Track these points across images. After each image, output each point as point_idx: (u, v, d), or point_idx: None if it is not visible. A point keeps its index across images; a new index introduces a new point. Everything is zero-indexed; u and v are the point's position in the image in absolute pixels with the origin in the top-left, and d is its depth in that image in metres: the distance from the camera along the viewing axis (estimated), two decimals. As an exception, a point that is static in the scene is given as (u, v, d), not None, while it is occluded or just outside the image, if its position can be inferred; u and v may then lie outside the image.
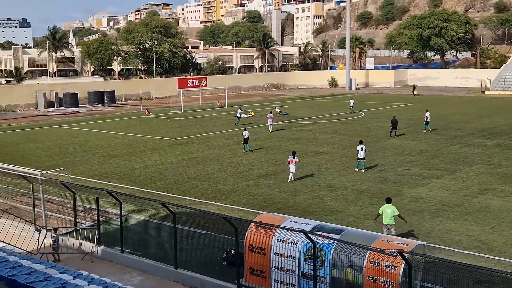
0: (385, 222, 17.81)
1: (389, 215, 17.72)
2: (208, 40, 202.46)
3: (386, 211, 17.84)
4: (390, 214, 17.69)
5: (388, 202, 18.13)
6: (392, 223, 17.75)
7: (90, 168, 31.22)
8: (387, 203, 18.09)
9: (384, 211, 17.88)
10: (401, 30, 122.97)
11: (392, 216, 17.69)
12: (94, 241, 17.73)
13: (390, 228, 17.71)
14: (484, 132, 41.99)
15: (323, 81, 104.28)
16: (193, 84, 72.87)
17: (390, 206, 17.92)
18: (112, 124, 52.38)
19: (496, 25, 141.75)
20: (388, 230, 17.66)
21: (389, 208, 17.86)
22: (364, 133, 42.29)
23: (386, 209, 17.85)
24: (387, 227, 17.73)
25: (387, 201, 18.23)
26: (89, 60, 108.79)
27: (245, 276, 14.67)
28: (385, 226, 17.79)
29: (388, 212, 17.77)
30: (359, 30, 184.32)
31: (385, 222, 17.83)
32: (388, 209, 17.82)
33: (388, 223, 17.74)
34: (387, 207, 17.93)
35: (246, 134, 35.57)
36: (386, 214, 17.80)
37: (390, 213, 17.72)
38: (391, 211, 17.75)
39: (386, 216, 17.79)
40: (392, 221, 17.73)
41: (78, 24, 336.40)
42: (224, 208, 22.26)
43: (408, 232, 19.01)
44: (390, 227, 17.72)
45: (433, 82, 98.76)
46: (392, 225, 17.75)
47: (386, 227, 17.76)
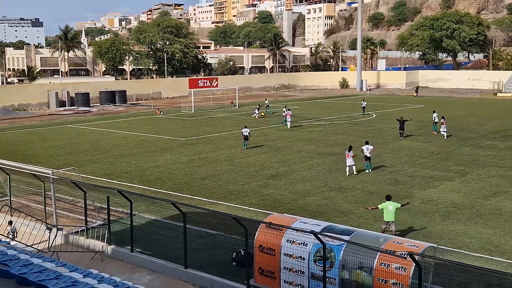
0: (386, 219, 18.23)
1: (390, 211, 18.13)
2: (219, 40, 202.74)
3: (387, 208, 18.21)
4: (392, 211, 18.11)
5: (388, 199, 18.52)
6: (393, 220, 18.17)
7: (101, 167, 31.37)
8: (388, 200, 18.47)
9: (386, 208, 18.26)
10: (413, 31, 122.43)
11: (393, 213, 18.10)
12: (105, 240, 17.82)
13: (390, 224, 18.14)
14: (496, 134, 41.70)
15: (334, 82, 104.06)
16: (204, 84, 73.06)
17: (391, 203, 18.34)
18: (123, 124, 52.60)
19: (508, 26, 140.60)
20: (387, 225, 18.15)
21: (390, 205, 18.25)
22: (375, 134, 42.16)
23: (388, 206, 18.23)
24: (388, 223, 18.17)
25: (387, 198, 18.61)
26: (101, 59, 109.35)
27: (255, 277, 14.66)
28: (386, 223, 18.22)
29: (390, 209, 18.16)
30: (371, 31, 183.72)
31: (386, 219, 18.25)
32: (390, 206, 18.21)
33: (389, 220, 18.17)
34: (388, 204, 18.29)
35: (245, 132, 36.36)
36: (388, 211, 18.18)
37: (391, 209, 18.12)
38: (393, 208, 18.15)
39: (388, 212, 18.18)
40: (393, 218, 18.17)
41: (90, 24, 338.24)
42: (234, 209, 22.28)
43: (418, 234, 18.91)
44: (391, 224, 18.14)
45: (445, 84, 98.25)
46: (393, 222, 18.17)
47: (387, 223, 18.18)
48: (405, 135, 40.54)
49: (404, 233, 18.59)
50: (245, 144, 36.60)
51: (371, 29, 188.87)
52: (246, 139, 36.64)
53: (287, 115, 47.88)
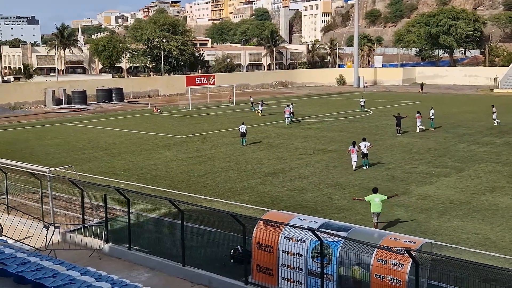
0: (374, 211, 18.84)
1: (377, 204, 18.74)
2: (216, 37, 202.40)
3: (374, 200, 18.84)
4: (378, 203, 18.72)
5: (375, 192, 19.07)
6: (380, 211, 18.80)
7: (98, 165, 31.36)
8: (374, 193, 19.02)
9: (372, 200, 18.88)
10: (410, 28, 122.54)
11: (380, 205, 18.73)
12: (102, 238, 17.82)
13: (378, 216, 18.79)
14: (493, 131, 41.78)
15: (331, 79, 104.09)
16: (201, 82, 72.93)
17: (377, 195, 18.93)
18: (120, 122, 52.56)
19: (505, 22, 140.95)
20: (376, 217, 18.78)
21: (377, 197, 18.85)
22: (372, 131, 42.21)
23: (375, 198, 18.86)
24: (375, 215, 18.77)
25: (374, 191, 19.16)
26: (98, 57, 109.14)
27: (253, 274, 14.70)
28: (374, 214, 18.82)
29: (377, 201, 18.78)
30: (368, 28, 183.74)
31: (373, 211, 18.86)
32: (376, 198, 18.84)
33: (376, 211, 18.75)
34: (375, 197, 18.88)
35: (242, 128, 36.75)
36: (375, 203, 18.78)
37: (378, 202, 18.74)
38: (379, 200, 18.76)
39: (375, 204, 18.78)
40: (380, 209, 18.77)
41: (87, 21, 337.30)
42: (232, 206, 22.31)
43: (415, 229, 18.97)
44: (378, 215, 18.78)
45: (441, 80, 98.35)
46: (380, 213, 18.82)
47: (375, 214, 18.78)
48: (402, 132, 40.61)
49: (401, 229, 18.64)
50: (243, 140, 36.78)
51: (368, 26, 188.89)
52: (243, 135, 36.82)
53: (285, 112, 48.30)
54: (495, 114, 45.07)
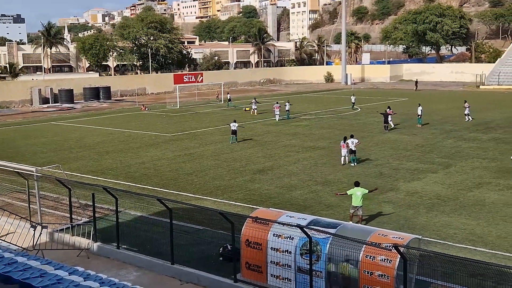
0: (355, 204, 19.15)
1: (358, 197, 19.07)
2: (204, 35, 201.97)
3: (356, 193, 19.15)
4: (360, 196, 19.05)
5: (357, 185, 19.43)
6: (361, 205, 19.14)
7: (85, 164, 31.19)
8: (356, 186, 19.38)
9: (354, 194, 19.18)
10: (397, 25, 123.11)
11: (361, 198, 19.01)
12: (90, 237, 17.74)
13: (358, 209, 19.12)
14: (479, 127, 42.11)
15: (319, 76, 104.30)
16: (189, 80, 72.72)
17: (359, 189, 19.27)
18: (108, 120, 52.30)
19: (490, 19, 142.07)
20: (355, 209, 19.11)
21: (358, 191, 19.17)
22: (360, 128, 42.37)
23: (356, 192, 19.18)
24: (356, 208, 19.11)
25: (356, 185, 19.53)
26: (84, 56, 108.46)
27: (242, 271, 14.71)
28: (353, 207, 19.17)
29: (358, 194, 19.10)
30: (355, 25, 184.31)
31: (354, 204, 19.17)
32: (358, 192, 19.16)
33: (357, 205, 19.09)
34: (356, 190, 19.22)
35: (233, 126, 36.77)
36: (356, 197, 19.10)
37: (359, 195, 19.06)
38: (361, 193, 19.07)
39: (356, 198, 19.09)
40: (361, 203, 19.10)
41: (73, 20, 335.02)
42: (221, 204, 22.30)
43: (403, 225, 19.09)
44: (359, 208, 19.13)
45: (428, 77, 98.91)
46: (361, 207, 19.16)
47: (355, 208, 19.12)
48: (389, 128, 40.83)
49: (389, 225, 18.75)
50: (233, 138, 36.87)
51: (355, 23, 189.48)
52: (234, 133, 36.87)
53: (275, 108, 48.59)
54: (468, 109, 45.28)
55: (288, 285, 13.86)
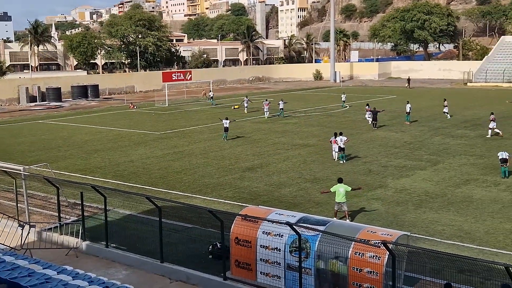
0: (338, 200, 19.39)
1: (341, 193, 19.32)
2: (192, 33, 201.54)
3: (339, 190, 19.38)
4: (343, 193, 19.29)
5: (340, 182, 19.72)
6: (344, 201, 19.38)
7: (74, 163, 31.02)
8: (339, 183, 19.64)
9: (337, 190, 19.42)
10: (385, 22, 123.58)
11: (344, 194, 19.22)
12: (79, 236, 17.65)
13: (342, 205, 19.41)
14: (467, 124, 42.40)
15: (308, 74, 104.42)
16: (178, 78, 72.53)
17: (342, 185, 19.53)
18: (96, 119, 52.04)
19: (478, 17, 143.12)
20: (339, 205, 19.34)
21: (341, 187, 19.42)
22: (349, 125, 42.51)
23: (339, 188, 19.42)
24: (339, 204, 19.35)
25: (339, 181, 19.84)
26: (72, 54, 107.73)
27: (231, 269, 14.72)
28: (338, 204, 19.40)
29: (341, 191, 19.34)
30: (343, 23, 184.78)
31: (337, 200, 19.41)
32: (341, 188, 19.40)
33: (340, 201, 19.39)
34: (339, 187, 19.47)
35: (225, 123, 37.06)
36: (339, 193, 19.34)
37: (342, 191, 19.29)
38: (343, 190, 19.30)
39: (339, 194, 19.33)
40: (344, 199, 19.36)
41: (61, 17, 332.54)
42: (210, 202, 22.28)
43: (392, 222, 19.19)
44: (342, 204, 19.38)
45: (416, 74, 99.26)
46: (344, 202, 19.39)
47: (339, 204, 19.37)
48: (378, 126, 41.01)
49: (378, 222, 18.84)
50: (225, 135, 37.14)
51: (344, 21, 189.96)
52: (226, 130, 37.06)
53: (264, 105, 48.86)
54: (447, 108, 45.67)
55: (277, 283, 13.89)
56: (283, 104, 49.72)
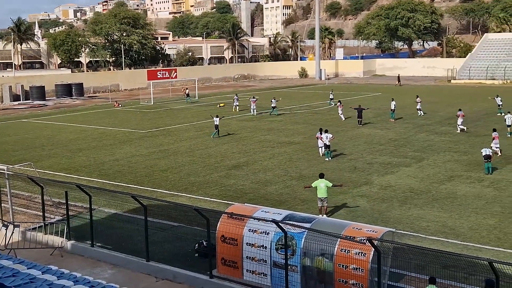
0: (320, 196, 19.49)
1: (322, 189, 19.42)
2: (177, 31, 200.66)
3: (320, 185, 19.49)
4: (324, 188, 19.39)
5: (321, 177, 19.73)
6: (326, 196, 19.49)
7: (58, 162, 30.79)
8: (321, 178, 19.68)
9: (318, 186, 19.52)
10: (369, 20, 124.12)
11: (325, 190, 19.34)
12: (64, 235, 17.54)
13: (323, 200, 19.46)
14: (451, 120, 42.69)
15: (293, 72, 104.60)
16: (163, 76, 72.22)
17: (323, 180, 19.58)
18: (81, 117, 51.69)
19: (461, 15, 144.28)
20: (321, 202, 19.45)
21: (322, 182, 19.50)
22: (334, 122, 42.65)
23: (320, 184, 19.51)
24: (321, 200, 19.47)
25: (320, 176, 19.85)
26: (56, 52, 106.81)
27: (217, 267, 14.72)
28: (319, 199, 19.52)
29: (322, 186, 19.45)
30: (328, 20, 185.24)
31: (319, 196, 19.52)
32: (322, 184, 19.48)
33: (322, 196, 19.44)
34: (320, 182, 19.55)
35: (216, 121, 37.23)
36: (320, 188, 19.44)
37: (323, 187, 19.42)
38: (324, 185, 19.39)
39: (320, 190, 19.44)
40: (325, 194, 19.47)
41: (44, 15, 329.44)
42: (196, 200, 22.25)
43: (377, 219, 19.31)
44: (324, 199, 19.51)
45: (401, 72, 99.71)
46: (325, 198, 19.52)
47: (320, 199, 19.48)
48: (363, 123, 41.21)
49: (363, 219, 18.95)
50: (215, 133, 37.29)
51: (329, 19, 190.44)
52: (216, 128, 37.14)
53: (252, 102, 49.12)
54: (420, 104, 46.08)
55: (263, 280, 13.92)
56: (275, 102, 49.47)
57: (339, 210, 20.52)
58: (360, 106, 42.33)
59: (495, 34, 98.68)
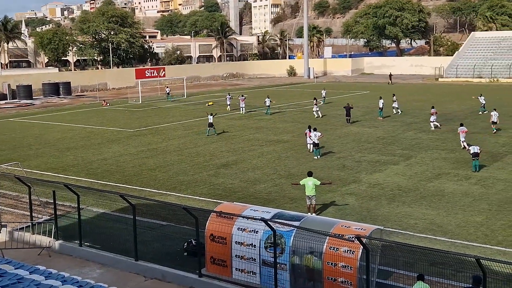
0: (307, 193, 19.51)
1: (310, 186, 19.45)
2: (165, 29, 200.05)
3: (307, 183, 19.52)
4: (311, 186, 19.41)
5: (309, 175, 19.78)
6: (314, 194, 19.48)
7: (46, 161, 30.59)
8: (309, 176, 19.73)
9: (306, 184, 19.55)
10: (358, 19, 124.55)
11: (313, 188, 19.36)
12: (52, 235, 17.42)
13: (311, 198, 19.49)
14: (439, 118, 42.86)
15: (281, 70, 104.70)
16: (151, 75, 71.97)
17: (311, 178, 19.62)
18: (68, 116, 51.38)
19: (448, 13, 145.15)
20: (310, 200, 19.49)
21: (310, 180, 19.53)
22: (323, 121, 42.75)
23: (308, 182, 19.54)
24: (309, 198, 19.50)
25: (309, 175, 19.90)
26: (43, 51, 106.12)
27: (206, 266, 14.71)
28: (308, 197, 19.55)
29: (310, 184, 19.46)
30: (317, 19, 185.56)
31: (307, 193, 19.54)
32: (310, 182, 19.51)
33: (310, 194, 19.47)
34: (308, 180, 19.58)
35: (210, 119, 37.49)
36: (308, 186, 19.47)
37: (311, 185, 19.44)
38: (312, 183, 19.41)
39: (308, 187, 19.45)
40: (313, 192, 19.51)
41: (31, 14, 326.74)
42: (185, 199, 22.21)
43: (366, 217, 19.39)
44: (312, 197, 19.54)
45: (389, 70, 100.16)
46: (313, 196, 19.53)
47: (308, 197, 19.52)
48: (351, 121, 41.36)
49: (352, 217, 19.02)
50: (209, 131, 37.45)
51: (317, 17, 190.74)
52: (211, 126, 37.37)
53: (241, 101, 49.34)
54: (396, 103, 46.21)
55: (253, 279, 13.93)
56: (269, 102, 49.23)
57: (328, 208, 20.58)
58: (348, 104, 42.53)
59: (482, 32, 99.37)
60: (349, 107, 41.89)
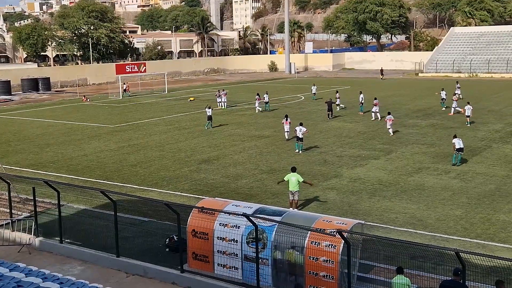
0: (291, 189, 19.51)
1: (293, 182, 19.41)
2: (146, 24, 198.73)
3: (291, 179, 19.50)
4: (295, 182, 19.39)
5: (293, 171, 19.73)
6: (297, 189, 19.49)
7: (25, 158, 30.25)
8: (292, 172, 19.68)
9: (290, 179, 19.54)
10: (338, 14, 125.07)
11: (296, 184, 19.34)
12: (32, 232, 17.26)
13: (294, 194, 19.53)
14: (419, 113, 43.43)
15: (263, 66, 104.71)
16: (132, 70, 71.43)
17: (295, 174, 19.57)
18: (48, 112, 50.82)
19: (428, 9, 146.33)
20: (292, 195, 19.48)
21: (294, 176, 19.50)
22: (304, 116, 42.83)
23: (291, 177, 19.51)
24: (292, 193, 19.50)
25: (292, 170, 19.83)
26: (21, 46, 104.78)
27: (188, 262, 14.70)
28: (291, 192, 19.55)
29: (293, 180, 19.45)
30: (298, 14, 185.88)
31: (290, 189, 19.53)
32: (293, 177, 19.48)
33: (293, 190, 19.46)
34: (292, 175, 19.54)
35: (208, 112, 37.88)
36: (291, 182, 19.46)
37: (294, 181, 19.43)
38: (296, 179, 19.38)
39: (291, 183, 19.44)
40: (297, 188, 19.45)
41: (9, 8, 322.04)
42: (166, 195, 22.14)
43: (347, 211, 19.52)
44: (295, 193, 19.50)
45: (369, 65, 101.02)
46: (297, 191, 19.50)
47: (291, 193, 19.50)
48: (333, 116, 41.56)
49: (333, 211, 19.15)
50: (208, 124, 37.80)
51: (298, 12, 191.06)
52: (210, 119, 37.73)
53: (222, 96, 49.58)
54: (339, 100, 46.59)
55: (235, 274, 13.96)
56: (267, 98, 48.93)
57: (310, 203, 20.68)
58: (331, 100, 42.72)
59: (461, 28, 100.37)
60: (331, 102, 42.11)
